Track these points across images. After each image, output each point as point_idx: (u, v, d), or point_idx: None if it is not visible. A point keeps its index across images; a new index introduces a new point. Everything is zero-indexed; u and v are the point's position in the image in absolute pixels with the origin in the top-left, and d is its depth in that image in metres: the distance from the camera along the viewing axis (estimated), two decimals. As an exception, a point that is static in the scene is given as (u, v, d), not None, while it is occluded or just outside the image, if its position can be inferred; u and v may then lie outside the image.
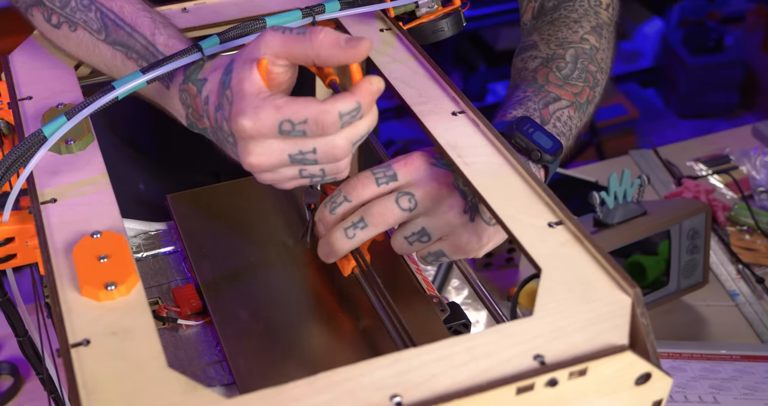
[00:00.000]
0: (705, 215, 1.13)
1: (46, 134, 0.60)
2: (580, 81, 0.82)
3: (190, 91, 0.64)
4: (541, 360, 0.49)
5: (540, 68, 0.84)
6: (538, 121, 0.77)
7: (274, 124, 0.56)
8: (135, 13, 0.70)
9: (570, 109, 0.80)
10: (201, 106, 0.63)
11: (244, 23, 0.65)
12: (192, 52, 0.63)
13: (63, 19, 0.72)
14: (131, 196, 0.58)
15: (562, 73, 0.82)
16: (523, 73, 0.85)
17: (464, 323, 0.72)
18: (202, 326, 0.72)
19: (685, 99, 2.96)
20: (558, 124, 0.78)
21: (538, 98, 0.79)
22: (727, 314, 1.17)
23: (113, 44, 0.69)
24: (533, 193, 0.60)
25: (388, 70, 0.72)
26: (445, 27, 0.77)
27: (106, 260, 0.54)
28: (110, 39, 0.70)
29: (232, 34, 0.65)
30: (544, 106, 0.79)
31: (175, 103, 0.66)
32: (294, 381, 0.47)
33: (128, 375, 0.48)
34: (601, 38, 0.88)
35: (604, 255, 0.55)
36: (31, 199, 0.61)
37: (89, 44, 0.71)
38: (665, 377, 0.52)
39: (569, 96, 0.81)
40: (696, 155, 1.47)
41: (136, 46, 0.68)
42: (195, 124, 0.65)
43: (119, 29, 0.69)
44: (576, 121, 0.81)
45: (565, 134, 0.79)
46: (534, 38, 0.89)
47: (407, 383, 0.48)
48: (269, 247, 0.78)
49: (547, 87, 0.81)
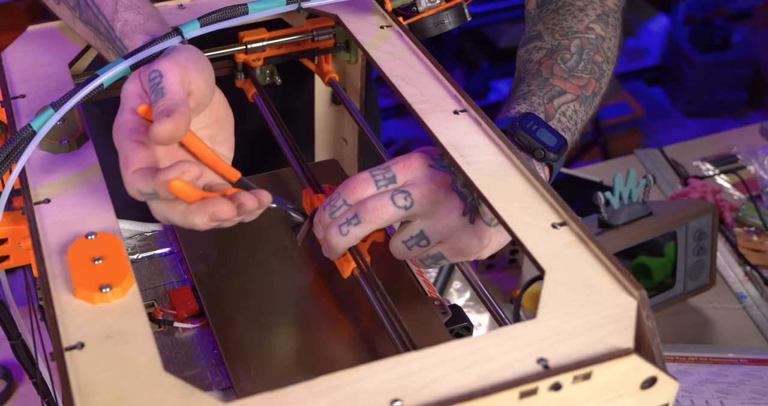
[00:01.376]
0: (712, 216, 1.13)
1: (34, 128, 0.59)
2: (586, 73, 0.82)
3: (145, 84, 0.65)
4: (545, 364, 0.49)
5: (545, 60, 0.83)
6: (543, 116, 0.77)
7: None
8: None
9: (575, 102, 0.80)
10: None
11: (225, 8, 0.65)
12: (173, 36, 0.63)
13: None
14: (126, 197, 0.58)
15: (567, 65, 0.82)
16: (528, 65, 0.85)
17: (466, 325, 0.72)
18: (199, 328, 0.72)
19: (692, 97, 2.96)
20: (563, 119, 0.78)
21: (543, 92, 0.79)
22: (735, 316, 1.17)
23: (86, 23, 0.71)
24: (537, 194, 0.60)
25: (388, 68, 0.72)
26: (446, 19, 0.77)
27: (101, 261, 0.54)
28: (83, 17, 0.71)
29: (212, 18, 0.64)
30: (548, 101, 0.78)
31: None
32: (293, 385, 0.47)
33: (123, 379, 0.48)
34: (608, 26, 0.88)
35: (609, 256, 0.55)
36: (24, 199, 0.61)
37: (69, 19, 0.75)
38: (671, 381, 0.52)
39: (574, 89, 0.80)
40: (703, 155, 1.47)
41: (101, 28, 0.69)
42: None
43: (88, 9, 0.70)
44: (582, 114, 0.81)
45: (570, 129, 0.79)
46: (538, 28, 0.88)
47: (408, 387, 0.48)
48: (267, 248, 0.78)
49: (551, 80, 0.81)
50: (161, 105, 0.56)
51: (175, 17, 0.79)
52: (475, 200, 0.67)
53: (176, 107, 0.56)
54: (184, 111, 0.56)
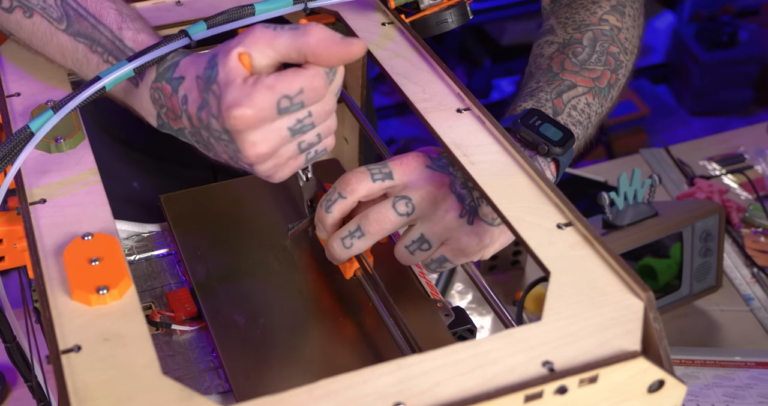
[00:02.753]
0: (718, 217, 1.13)
1: (33, 130, 0.59)
2: (600, 64, 0.82)
3: (164, 90, 0.62)
4: (550, 367, 0.49)
5: (556, 55, 0.84)
6: (550, 111, 0.77)
7: (272, 105, 0.56)
8: (99, 4, 0.68)
9: (588, 95, 0.80)
10: (178, 106, 0.61)
11: (232, 9, 0.65)
12: (179, 38, 0.63)
13: (17, 4, 0.70)
14: (124, 196, 0.58)
15: (578, 59, 0.82)
16: (539, 60, 0.85)
17: (470, 328, 0.72)
18: (197, 331, 0.72)
19: (698, 96, 2.96)
20: (574, 112, 0.78)
21: (551, 88, 0.79)
22: (742, 319, 1.17)
23: (75, 35, 0.68)
24: (541, 194, 0.60)
25: (390, 66, 0.72)
26: (449, 18, 0.77)
27: (98, 262, 0.54)
28: (72, 30, 0.68)
29: (219, 20, 0.64)
30: (557, 96, 0.79)
31: (143, 101, 0.65)
32: (293, 389, 0.47)
33: (121, 383, 0.48)
34: (624, 16, 0.87)
35: (615, 257, 0.55)
36: (20, 199, 0.61)
37: (46, 33, 0.69)
38: (679, 385, 0.52)
39: (587, 82, 0.81)
40: (709, 154, 1.47)
41: (101, 40, 0.67)
42: (168, 125, 0.64)
43: (82, 20, 0.67)
44: (596, 107, 0.81)
45: (582, 123, 0.79)
46: (551, 22, 0.89)
47: (411, 390, 0.48)
48: (267, 248, 0.78)
49: (562, 75, 0.81)
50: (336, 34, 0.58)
51: (172, 14, 0.79)
52: (475, 201, 0.67)
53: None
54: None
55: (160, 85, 0.62)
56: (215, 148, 0.62)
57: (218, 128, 0.59)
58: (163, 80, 0.62)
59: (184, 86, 0.60)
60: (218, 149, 0.62)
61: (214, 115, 0.59)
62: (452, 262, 0.69)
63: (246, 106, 0.56)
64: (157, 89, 0.63)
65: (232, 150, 0.60)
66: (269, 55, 0.58)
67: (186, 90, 0.60)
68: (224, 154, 0.62)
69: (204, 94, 0.59)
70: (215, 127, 0.59)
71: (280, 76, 0.56)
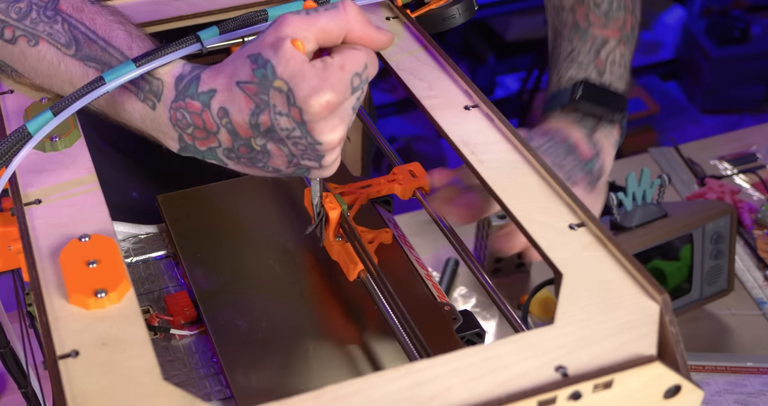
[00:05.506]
0: (730, 218, 1.13)
1: (30, 131, 0.59)
2: (621, 11, 0.86)
3: (190, 107, 0.59)
4: (564, 372, 0.49)
5: (577, 7, 0.87)
6: (594, 74, 0.82)
7: (348, 84, 0.56)
8: (108, 26, 0.66)
9: (620, 46, 0.84)
10: (213, 121, 0.59)
11: (246, 14, 0.64)
12: (189, 43, 0.62)
13: (20, 33, 0.66)
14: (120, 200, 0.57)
15: (601, 10, 0.86)
16: (561, 14, 0.88)
17: (478, 332, 0.72)
18: (197, 336, 0.72)
19: (709, 93, 2.96)
20: (614, 68, 0.83)
21: (587, 48, 0.84)
22: (754, 323, 1.17)
23: (85, 60, 0.65)
24: (553, 193, 0.60)
25: (396, 62, 0.72)
26: (456, 13, 0.77)
27: (96, 265, 0.54)
28: (81, 54, 0.65)
29: (232, 25, 0.63)
30: (595, 56, 0.83)
31: (161, 124, 0.62)
32: (299, 395, 0.47)
33: (120, 389, 0.48)
34: None
35: (629, 259, 0.55)
36: (14, 200, 0.61)
37: (53, 60, 0.66)
38: (696, 390, 0.52)
39: (615, 33, 0.85)
40: (720, 153, 1.47)
41: (113, 62, 0.64)
42: (193, 147, 0.61)
43: (92, 43, 0.65)
44: (628, 56, 0.85)
45: (623, 77, 0.83)
46: None
47: (420, 396, 0.48)
48: (268, 250, 0.78)
49: (591, 30, 0.85)
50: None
51: (170, 8, 0.79)
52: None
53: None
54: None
55: (183, 103, 0.59)
56: (272, 156, 0.60)
57: (288, 126, 0.57)
58: (186, 98, 0.60)
59: (218, 99, 0.58)
60: (277, 155, 0.59)
61: (282, 113, 0.56)
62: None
63: (326, 90, 0.55)
64: (179, 109, 0.60)
65: (304, 145, 0.58)
66: (314, 39, 0.57)
67: (223, 102, 0.58)
68: (281, 160, 0.60)
69: (261, 97, 0.56)
70: (285, 125, 0.57)
71: (344, 55, 0.57)
